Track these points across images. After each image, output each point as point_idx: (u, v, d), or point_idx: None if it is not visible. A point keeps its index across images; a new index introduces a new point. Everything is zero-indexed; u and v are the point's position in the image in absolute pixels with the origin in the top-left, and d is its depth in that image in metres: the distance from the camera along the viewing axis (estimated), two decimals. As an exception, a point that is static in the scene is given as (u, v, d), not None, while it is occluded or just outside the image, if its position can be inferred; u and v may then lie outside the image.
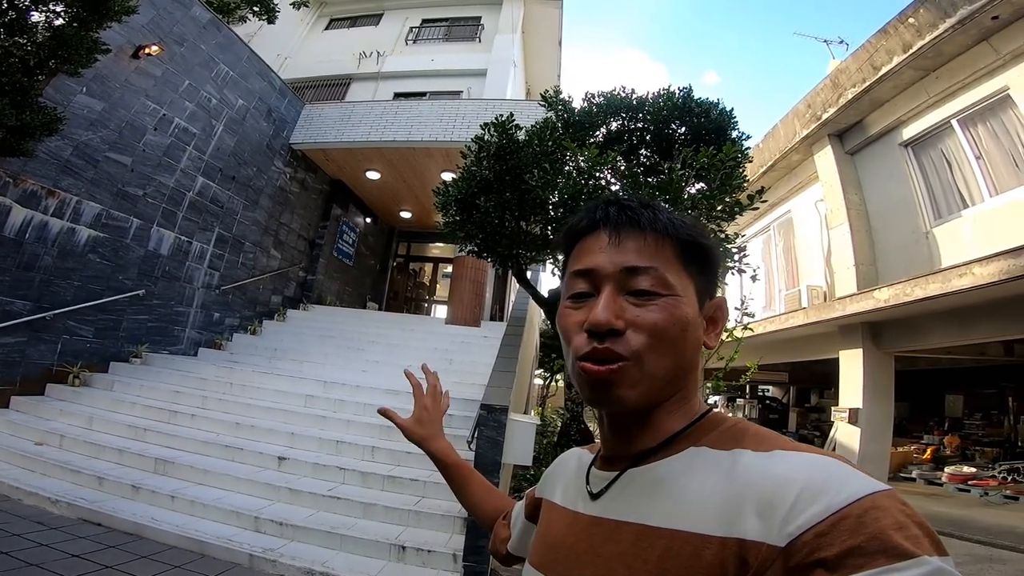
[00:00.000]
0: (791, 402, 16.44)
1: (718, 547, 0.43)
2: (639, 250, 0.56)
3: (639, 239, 0.56)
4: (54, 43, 4.38)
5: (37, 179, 5.41)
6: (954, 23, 6.04)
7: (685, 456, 0.53)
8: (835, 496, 0.40)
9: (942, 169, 7.08)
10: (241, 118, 8.20)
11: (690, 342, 0.55)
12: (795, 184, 9.97)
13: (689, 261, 0.57)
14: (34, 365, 5.50)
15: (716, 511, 0.46)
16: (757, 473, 0.46)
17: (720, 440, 0.52)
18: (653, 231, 0.57)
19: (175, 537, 3.37)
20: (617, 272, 0.55)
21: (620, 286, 0.55)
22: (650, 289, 0.54)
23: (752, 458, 0.48)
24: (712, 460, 0.50)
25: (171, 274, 7.19)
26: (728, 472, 0.48)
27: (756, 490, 0.44)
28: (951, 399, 11.18)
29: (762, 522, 0.42)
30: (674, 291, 0.55)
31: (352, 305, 11.46)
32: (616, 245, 0.57)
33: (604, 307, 0.54)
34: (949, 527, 5.52)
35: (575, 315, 0.57)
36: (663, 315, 0.53)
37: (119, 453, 4.37)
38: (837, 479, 0.41)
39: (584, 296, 0.57)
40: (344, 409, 5.52)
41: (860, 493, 0.39)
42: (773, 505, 0.42)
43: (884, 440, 7.51)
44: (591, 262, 0.57)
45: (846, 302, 7.18)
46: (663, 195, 3.51)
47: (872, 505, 0.39)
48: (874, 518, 0.38)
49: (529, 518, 0.77)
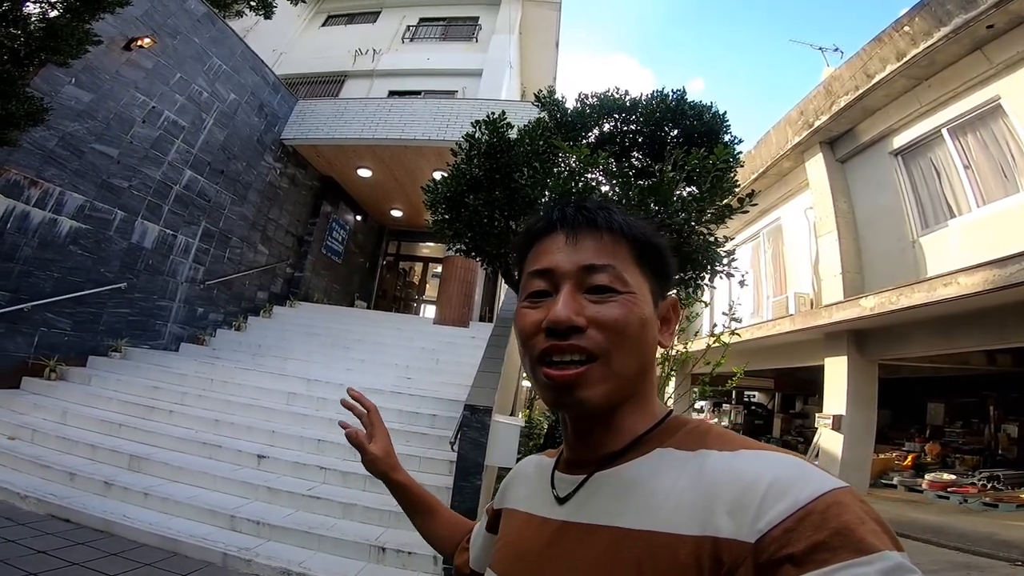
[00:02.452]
0: (776, 408, 16.55)
1: (693, 546, 0.44)
2: (596, 249, 0.57)
3: (596, 238, 0.57)
4: (45, 34, 4.32)
5: (20, 168, 5.29)
6: (949, 31, 6.09)
7: (653, 457, 0.53)
8: (800, 492, 0.41)
9: (931, 178, 7.16)
10: (232, 112, 8.10)
11: (648, 340, 0.56)
12: (785, 191, 10.04)
13: (644, 261, 0.58)
14: (9, 357, 5.36)
15: (688, 511, 0.46)
16: (725, 472, 0.46)
17: (685, 441, 0.53)
18: (609, 231, 0.57)
19: (147, 535, 3.29)
20: (575, 270, 0.56)
21: (578, 284, 0.56)
22: (608, 285, 0.55)
23: (718, 458, 0.49)
24: (679, 461, 0.51)
25: (154, 268, 7.06)
26: (696, 472, 0.48)
27: (726, 489, 0.45)
28: (933, 407, 11.30)
29: (733, 520, 0.42)
30: (631, 289, 0.55)
31: (340, 303, 11.36)
32: (573, 245, 0.57)
33: (564, 304, 0.54)
34: (928, 533, 5.54)
35: (533, 314, 0.57)
36: (623, 311, 0.54)
37: (92, 449, 4.27)
38: (801, 476, 0.43)
39: (542, 295, 0.58)
40: (327, 408, 5.44)
41: (822, 489, 0.41)
42: (743, 503, 0.43)
43: (866, 447, 7.59)
44: (549, 262, 0.58)
45: (832, 310, 7.22)
46: (653, 197, 3.50)
47: (834, 500, 0.40)
48: (836, 513, 0.39)
49: (490, 531, 0.75)
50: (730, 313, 4.71)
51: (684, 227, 3.60)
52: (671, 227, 3.54)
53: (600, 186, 3.96)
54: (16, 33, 4.35)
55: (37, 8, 4.52)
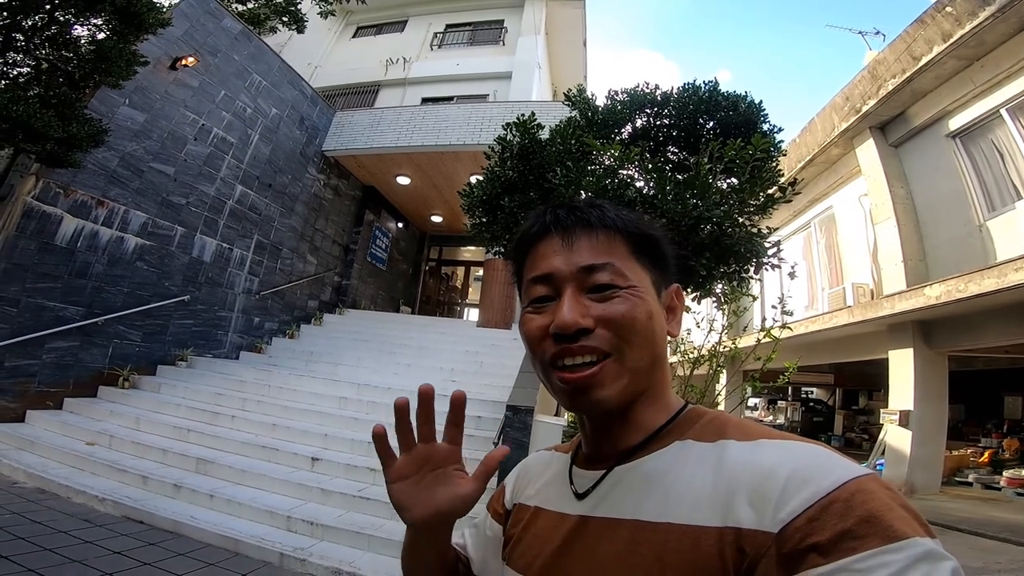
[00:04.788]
0: (837, 404, 15.76)
1: (716, 537, 0.43)
2: (592, 248, 0.57)
3: (591, 238, 0.57)
4: (95, 56, 4.59)
5: (86, 190, 5.72)
6: (994, 11, 5.79)
7: (672, 450, 0.53)
8: (822, 481, 0.40)
9: (993, 160, 6.71)
10: (275, 127, 8.47)
11: (657, 331, 0.56)
12: (836, 179, 9.56)
13: (641, 254, 0.58)
14: (86, 368, 5.81)
15: (709, 502, 0.46)
16: (745, 462, 0.46)
17: (704, 432, 0.53)
18: (604, 228, 0.58)
19: (211, 535, 3.48)
20: (575, 272, 0.56)
21: (580, 285, 0.56)
22: (610, 283, 0.55)
23: (738, 448, 0.48)
24: (699, 452, 0.51)
25: (214, 280, 7.48)
26: (716, 463, 0.48)
27: (746, 479, 0.45)
28: (1010, 400, 10.50)
29: (755, 510, 0.42)
30: (632, 283, 0.56)
31: (386, 309, 11.67)
32: (569, 246, 0.57)
33: (569, 308, 0.54)
34: (1005, 532, 5.19)
35: (538, 320, 0.57)
36: (628, 305, 0.54)
37: (163, 453, 4.56)
38: (823, 464, 0.42)
39: (545, 300, 0.58)
40: (376, 411, 5.60)
41: (845, 477, 0.40)
42: (764, 493, 0.42)
43: (937, 443, 7.17)
44: (548, 266, 0.58)
45: (894, 300, 6.83)
46: (690, 190, 3.41)
47: (858, 488, 0.39)
48: (861, 501, 0.38)
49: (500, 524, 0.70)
50: (780, 306, 4.53)
51: (724, 220, 3.48)
52: (710, 220, 3.43)
53: (635, 182, 3.89)
54: (69, 56, 4.64)
55: (85, 31, 4.81)
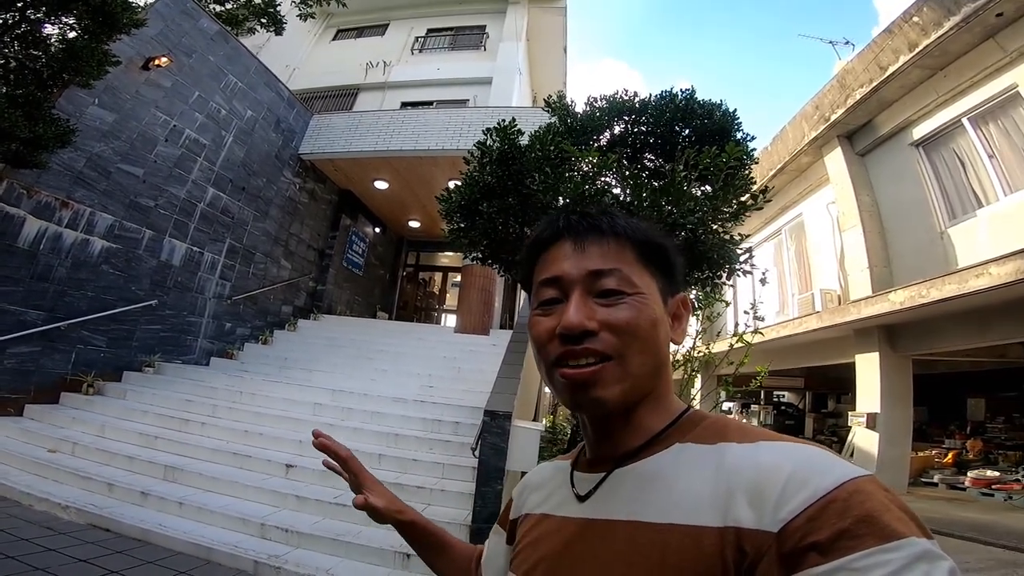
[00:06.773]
0: (807, 407, 16.14)
1: (716, 537, 0.44)
2: (602, 254, 0.58)
3: (601, 244, 0.59)
4: (66, 55, 4.46)
5: (51, 190, 5.53)
6: (958, 21, 6.00)
7: (672, 452, 0.54)
8: (821, 481, 0.41)
9: (955, 168, 6.98)
10: (250, 129, 8.33)
11: (661, 338, 0.57)
12: (805, 187, 9.86)
13: (649, 261, 0.60)
14: (48, 374, 5.60)
15: (710, 502, 0.47)
16: (745, 463, 0.47)
17: (704, 435, 0.54)
18: (613, 235, 0.59)
19: (182, 543, 3.38)
20: (584, 276, 0.57)
21: (588, 289, 0.57)
22: (617, 288, 0.56)
23: (738, 450, 0.49)
24: (699, 454, 0.52)
25: (183, 284, 7.29)
26: (717, 464, 0.49)
27: (746, 480, 0.46)
28: (973, 402, 10.88)
29: (755, 510, 0.43)
30: (639, 290, 0.57)
31: (362, 315, 11.53)
32: (580, 251, 0.59)
33: (575, 310, 0.55)
34: (971, 531, 5.36)
35: (546, 322, 0.58)
36: (633, 312, 0.55)
37: (130, 460, 4.42)
38: (822, 465, 0.43)
39: (553, 302, 0.59)
40: (352, 417, 5.54)
41: (844, 478, 0.41)
42: (763, 493, 0.43)
43: (903, 445, 7.37)
44: (557, 269, 0.59)
45: (861, 305, 7.06)
46: (665, 197, 3.49)
47: (856, 488, 0.40)
48: (859, 501, 0.39)
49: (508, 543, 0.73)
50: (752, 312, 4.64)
51: (698, 227, 3.57)
52: (684, 227, 3.51)
53: (612, 189, 3.95)
54: (38, 55, 4.50)
55: (56, 30, 4.67)
